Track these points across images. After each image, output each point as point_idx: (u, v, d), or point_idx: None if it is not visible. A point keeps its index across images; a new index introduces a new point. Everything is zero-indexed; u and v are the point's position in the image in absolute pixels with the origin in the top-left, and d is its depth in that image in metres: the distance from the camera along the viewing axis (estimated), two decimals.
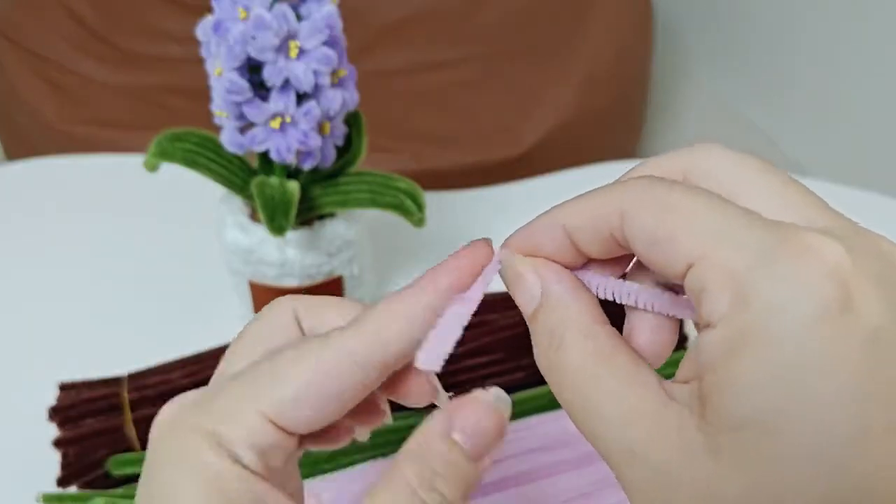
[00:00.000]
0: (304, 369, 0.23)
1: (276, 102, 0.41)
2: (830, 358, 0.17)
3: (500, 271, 0.23)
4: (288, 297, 0.25)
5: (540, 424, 0.44)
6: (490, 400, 0.23)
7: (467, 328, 0.23)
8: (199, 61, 0.43)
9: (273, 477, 0.23)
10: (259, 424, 0.22)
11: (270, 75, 0.41)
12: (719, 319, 0.18)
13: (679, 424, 0.19)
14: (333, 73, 0.42)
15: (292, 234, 0.47)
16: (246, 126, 0.43)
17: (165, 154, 0.45)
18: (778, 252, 0.18)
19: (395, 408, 0.26)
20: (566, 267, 0.22)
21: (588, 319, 0.21)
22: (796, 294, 0.17)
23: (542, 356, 0.22)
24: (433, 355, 0.23)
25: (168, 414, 0.23)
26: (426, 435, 0.22)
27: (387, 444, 0.42)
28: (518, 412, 0.44)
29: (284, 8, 0.40)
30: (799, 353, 0.17)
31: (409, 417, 0.42)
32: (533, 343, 0.22)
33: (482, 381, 0.45)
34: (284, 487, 0.23)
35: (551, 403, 0.44)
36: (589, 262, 0.23)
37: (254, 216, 0.48)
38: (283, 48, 0.40)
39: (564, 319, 0.22)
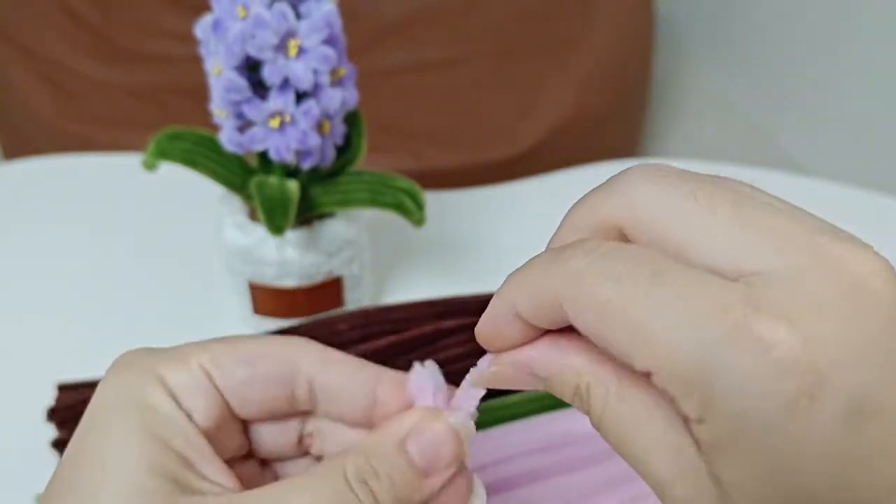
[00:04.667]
0: (248, 341, 0.25)
1: (276, 101, 0.41)
2: (807, 448, 0.17)
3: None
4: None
5: (540, 426, 0.44)
6: (453, 422, 0.23)
7: (469, 333, 0.23)
8: (198, 60, 0.43)
9: (207, 427, 0.24)
10: (198, 374, 0.24)
11: (269, 74, 0.41)
12: (695, 419, 0.18)
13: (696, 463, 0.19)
14: (333, 71, 0.42)
15: (291, 234, 0.46)
16: (245, 125, 0.43)
17: (164, 153, 0.45)
18: (729, 350, 0.17)
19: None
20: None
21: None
22: (759, 400, 0.17)
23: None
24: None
25: (125, 355, 0.24)
26: (382, 435, 0.23)
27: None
28: (520, 412, 0.44)
29: (284, 6, 0.39)
30: (777, 452, 0.17)
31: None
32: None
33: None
34: (223, 445, 0.24)
35: (555, 403, 0.44)
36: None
37: (253, 216, 0.48)
38: (282, 47, 0.40)
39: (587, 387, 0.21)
